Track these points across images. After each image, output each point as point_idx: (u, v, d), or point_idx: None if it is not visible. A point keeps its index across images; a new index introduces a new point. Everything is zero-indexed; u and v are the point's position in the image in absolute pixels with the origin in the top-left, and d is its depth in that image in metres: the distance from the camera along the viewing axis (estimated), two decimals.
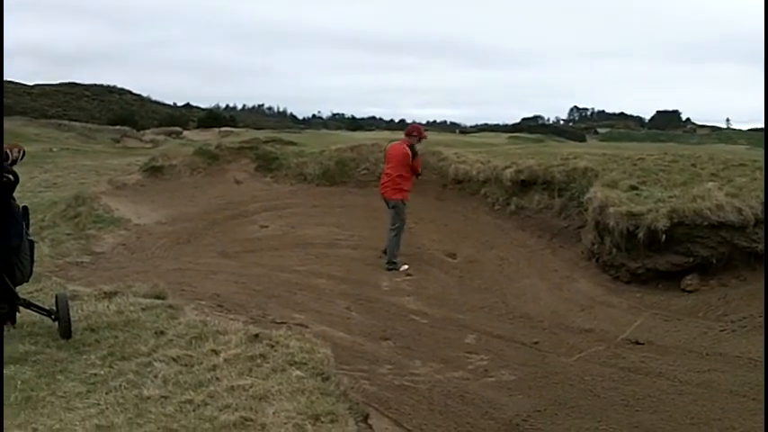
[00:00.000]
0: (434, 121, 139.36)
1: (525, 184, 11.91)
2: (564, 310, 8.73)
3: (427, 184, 13.05)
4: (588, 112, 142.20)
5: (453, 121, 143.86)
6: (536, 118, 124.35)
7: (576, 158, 12.36)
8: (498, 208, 12.16)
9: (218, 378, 4.93)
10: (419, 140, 11.02)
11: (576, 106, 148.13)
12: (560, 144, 38.80)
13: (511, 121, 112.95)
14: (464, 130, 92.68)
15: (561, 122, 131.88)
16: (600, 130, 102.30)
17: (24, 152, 6.05)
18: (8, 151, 5.82)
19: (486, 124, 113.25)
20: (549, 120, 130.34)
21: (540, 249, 10.70)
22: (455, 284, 9.86)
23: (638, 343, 7.58)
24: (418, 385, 6.62)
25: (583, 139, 68.70)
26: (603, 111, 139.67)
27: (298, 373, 5.00)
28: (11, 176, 5.70)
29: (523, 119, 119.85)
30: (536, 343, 7.73)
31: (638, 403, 6.21)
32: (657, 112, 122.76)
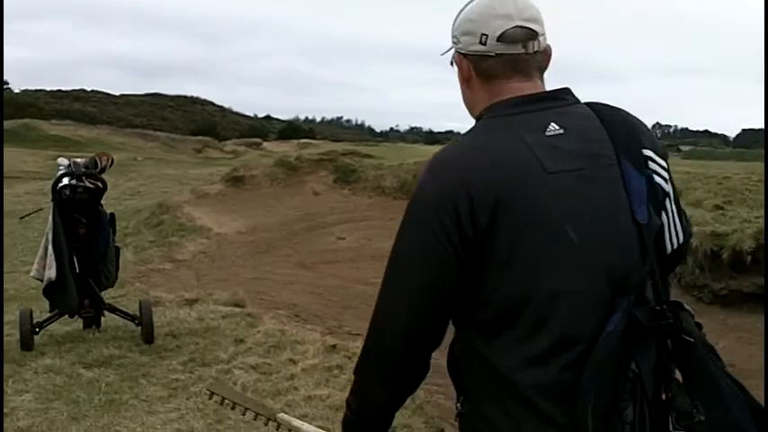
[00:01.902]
0: None
1: None
2: None
3: None
4: (671, 129, 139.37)
5: None
6: None
7: None
8: None
9: (295, 387, 4.97)
10: None
11: (658, 123, 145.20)
12: None
13: None
14: None
15: None
16: (682, 148, 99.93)
17: (113, 160, 6.25)
18: (98, 159, 6.03)
19: None
20: None
21: None
22: None
23: None
24: None
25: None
26: (687, 128, 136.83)
27: None
28: (100, 183, 5.89)
29: None
30: None
31: None
32: (743, 129, 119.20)
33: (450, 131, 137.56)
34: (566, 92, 1.69)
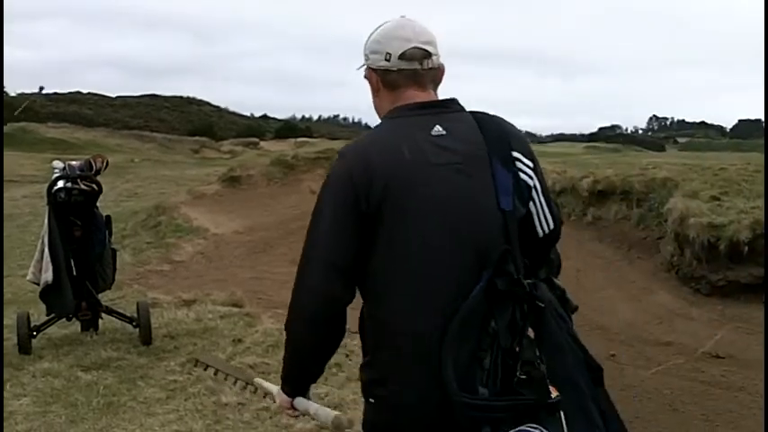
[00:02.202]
0: None
1: (602, 195, 11.70)
2: (642, 323, 8.52)
3: None
4: (668, 122, 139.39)
5: (529, 130, 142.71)
6: (614, 127, 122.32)
7: (656, 168, 12.08)
8: (574, 218, 11.96)
9: None
10: None
11: (654, 115, 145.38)
12: (639, 154, 38.07)
13: (588, 131, 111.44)
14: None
15: (640, 132, 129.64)
16: (680, 140, 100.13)
17: (108, 163, 6.24)
18: (92, 162, 6.03)
19: (562, 134, 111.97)
20: (627, 129, 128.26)
21: (618, 260, 10.48)
22: None
23: (718, 357, 7.34)
24: None
25: (662, 149, 67.28)
26: (684, 120, 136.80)
27: None
28: (95, 186, 5.90)
29: (600, 128, 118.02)
30: (613, 355, 7.56)
31: (718, 418, 6.01)
32: (740, 120, 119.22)
33: None
34: (452, 101, 2.10)
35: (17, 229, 16.11)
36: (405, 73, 2.06)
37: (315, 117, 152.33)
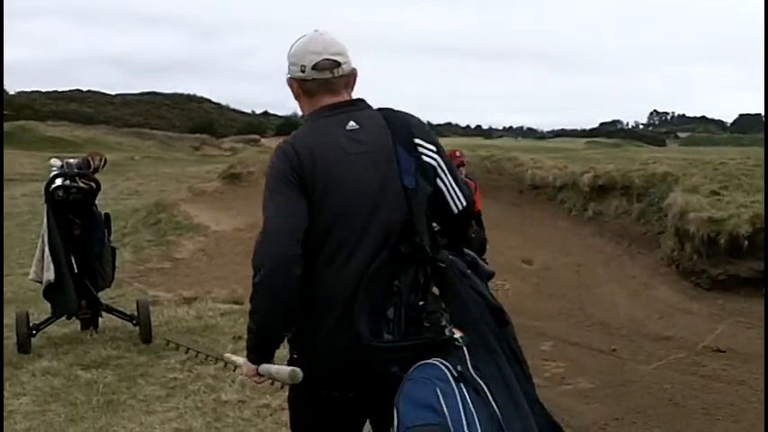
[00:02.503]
0: (511, 127, 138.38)
1: (603, 190, 11.71)
2: (643, 317, 8.52)
3: (503, 190, 12.95)
4: (668, 116, 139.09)
5: (530, 126, 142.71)
6: (614, 122, 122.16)
7: (656, 163, 12.09)
8: (575, 214, 11.98)
9: None
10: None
11: (655, 110, 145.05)
12: (639, 149, 37.97)
13: (589, 126, 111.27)
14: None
15: (640, 127, 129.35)
16: (680, 135, 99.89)
17: (106, 160, 6.22)
18: (90, 159, 6.01)
19: (563, 129, 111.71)
20: (627, 124, 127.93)
21: (619, 255, 10.48)
22: (531, 291, 9.73)
23: (719, 351, 7.34)
24: None
25: (663, 144, 67.21)
26: (684, 114, 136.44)
27: None
28: (93, 184, 5.88)
29: (601, 123, 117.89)
30: (614, 350, 7.56)
31: (719, 412, 6.00)
32: (740, 115, 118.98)
33: (449, 123, 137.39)
34: (361, 101, 2.49)
35: (17, 227, 16.10)
36: (318, 82, 2.44)
37: None
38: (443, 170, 2.44)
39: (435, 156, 2.44)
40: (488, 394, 2.15)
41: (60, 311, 5.97)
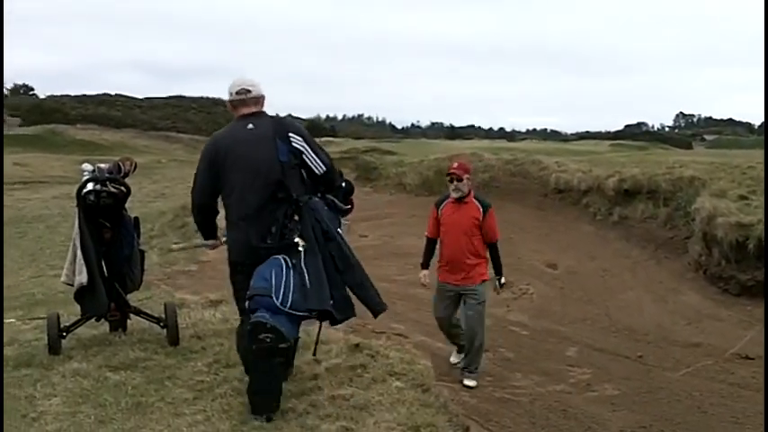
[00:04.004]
0: (534, 129, 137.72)
1: (629, 194, 11.63)
2: (670, 324, 8.47)
3: (527, 194, 12.92)
4: (695, 119, 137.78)
5: (554, 129, 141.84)
6: (639, 125, 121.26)
7: (683, 167, 11.99)
8: (600, 218, 11.91)
9: (319, 387, 4.99)
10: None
11: (681, 112, 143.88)
12: (665, 152, 37.68)
13: (613, 129, 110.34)
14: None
15: (666, 129, 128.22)
16: (707, 137, 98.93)
17: (136, 165, 6.28)
18: (120, 164, 6.08)
19: (587, 132, 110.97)
20: (653, 127, 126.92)
21: (645, 260, 10.42)
22: (556, 296, 9.70)
23: (747, 358, 7.28)
24: (519, 398, 6.53)
25: (689, 147, 66.62)
26: (711, 117, 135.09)
27: (398, 383, 5.02)
28: (124, 188, 5.94)
29: (626, 126, 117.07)
30: (640, 357, 7.53)
31: (747, 420, 5.96)
32: None
33: (472, 126, 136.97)
34: (261, 112, 4.74)
35: (47, 229, 16.35)
36: (236, 101, 4.77)
37: (339, 116, 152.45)
38: (308, 150, 4.66)
39: (303, 143, 4.64)
40: (306, 276, 4.30)
41: (90, 314, 6.04)
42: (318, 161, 4.63)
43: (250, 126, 4.59)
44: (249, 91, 4.69)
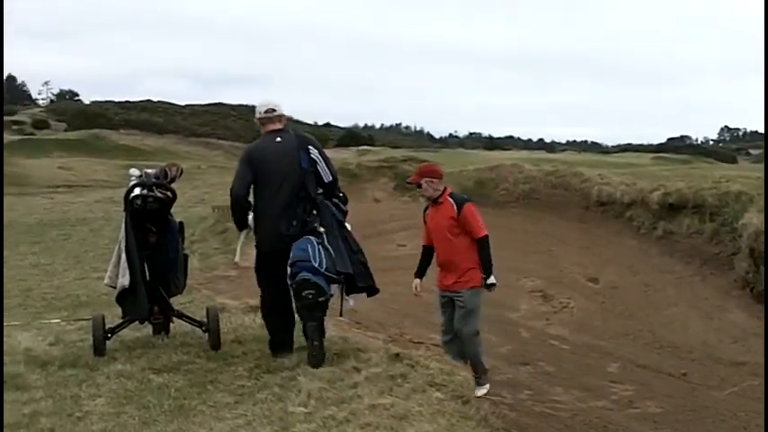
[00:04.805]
0: (574, 141, 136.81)
1: (673, 208, 11.43)
2: (715, 341, 8.31)
3: (568, 206, 12.78)
4: (740, 132, 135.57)
5: (594, 140, 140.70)
6: (683, 138, 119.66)
7: (729, 181, 11.77)
8: (644, 232, 11.73)
9: (359, 396, 4.98)
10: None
11: (726, 126, 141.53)
12: (710, 166, 37.18)
13: (655, 141, 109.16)
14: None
15: (710, 143, 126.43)
16: (752, 152, 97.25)
17: (182, 170, 6.37)
18: (167, 169, 6.16)
19: (629, 144, 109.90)
20: (696, 140, 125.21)
21: (689, 276, 10.23)
22: (597, 310, 9.58)
23: None
24: (559, 413, 6.45)
25: (734, 161, 65.62)
26: (756, 131, 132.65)
27: (438, 394, 4.99)
28: (170, 193, 6.02)
29: (669, 138, 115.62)
30: (684, 374, 7.39)
31: None
32: None
33: (511, 137, 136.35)
34: (285, 129, 6.02)
35: (91, 232, 16.57)
36: (265, 119, 5.99)
37: (377, 125, 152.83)
38: (320, 161, 5.87)
39: (317, 154, 5.89)
40: (330, 250, 5.60)
41: (131, 317, 6.12)
42: (328, 171, 5.91)
43: (278, 140, 5.88)
44: (274, 110, 5.96)
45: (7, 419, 4.68)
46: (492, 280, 6.41)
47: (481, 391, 6.32)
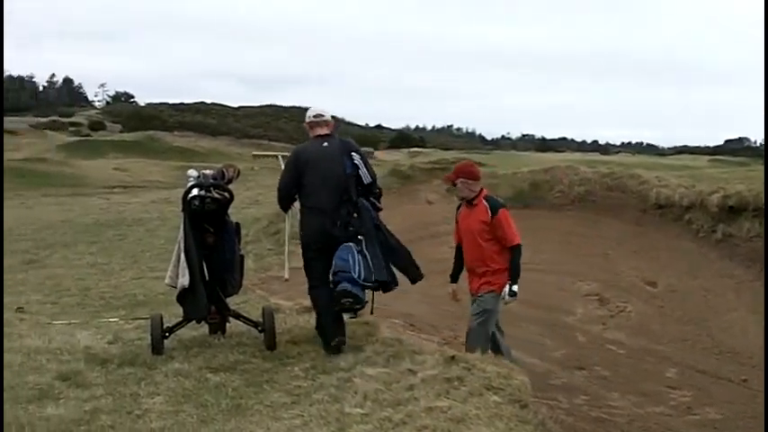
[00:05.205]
0: (629, 143, 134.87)
1: (733, 211, 11.16)
2: None
3: (625, 209, 12.56)
4: None
5: (649, 142, 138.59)
6: (741, 140, 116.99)
7: None
8: (703, 235, 11.48)
9: (415, 398, 4.95)
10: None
11: None
12: None
13: (712, 143, 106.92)
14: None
15: None
16: None
17: (239, 171, 6.44)
18: (225, 171, 6.22)
19: (685, 146, 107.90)
20: (755, 142, 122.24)
21: (750, 281, 9.98)
22: (655, 314, 9.42)
23: None
24: (616, 418, 6.37)
25: None
26: None
27: (495, 398, 4.93)
28: (227, 194, 6.08)
29: (727, 140, 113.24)
30: (744, 380, 7.23)
31: None
32: None
33: (564, 138, 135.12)
34: (331, 134, 6.44)
35: (147, 233, 16.85)
36: (312, 123, 6.45)
37: (428, 127, 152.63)
38: (362, 166, 6.23)
39: (359, 160, 6.25)
40: (368, 257, 5.98)
41: (191, 316, 6.19)
42: (368, 174, 6.32)
43: (325, 144, 6.32)
44: (322, 116, 6.42)
45: (69, 416, 4.76)
46: (515, 288, 6.43)
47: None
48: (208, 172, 6.24)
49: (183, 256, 5.94)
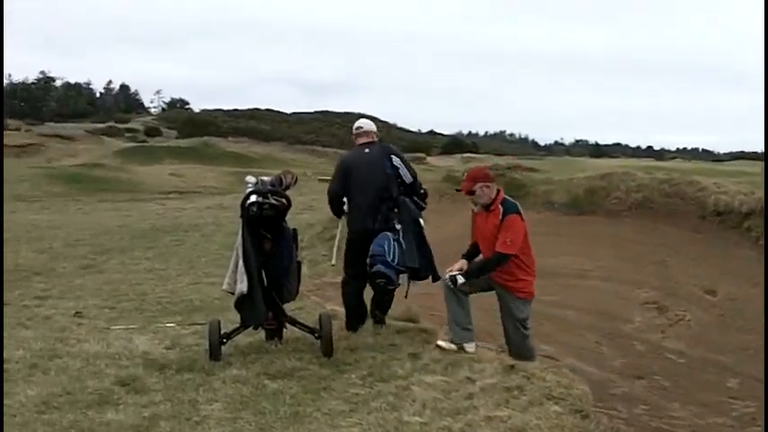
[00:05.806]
0: (684, 148, 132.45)
1: None
2: None
3: (683, 216, 12.33)
4: None
5: (705, 147, 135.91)
6: None
7: None
8: (762, 243, 11.21)
9: (475, 407, 4.92)
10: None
11: None
12: None
13: None
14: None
15: None
16: None
17: (297, 178, 6.47)
18: (282, 177, 6.27)
19: (741, 152, 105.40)
20: None
21: None
22: (714, 323, 9.21)
23: None
24: (677, 429, 6.24)
25: None
26: None
27: (556, 408, 4.87)
28: (284, 200, 6.12)
29: None
30: None
31: None
32: None
33: (618, 144, 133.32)
34: (373, 141, 7.17)
35: (202, 238, 17.05)
36: (357, 133, 7.23)
37: (481, 133, 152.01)
38: (401, 167, 6.87)
39: (399, 162, 6.88)
40: (403, 245, 6.52)
41: (249, 322, 6.23)
42: (408, 174, 6.90)
43: (366, 150, 7.03)
44: (362, 128, 7.20)
45: (128, 421, 4.82)
46: (461, 280, 6.33)
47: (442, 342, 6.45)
48: (266, 178, 6.30)
49: (241, 262, 5.98)
